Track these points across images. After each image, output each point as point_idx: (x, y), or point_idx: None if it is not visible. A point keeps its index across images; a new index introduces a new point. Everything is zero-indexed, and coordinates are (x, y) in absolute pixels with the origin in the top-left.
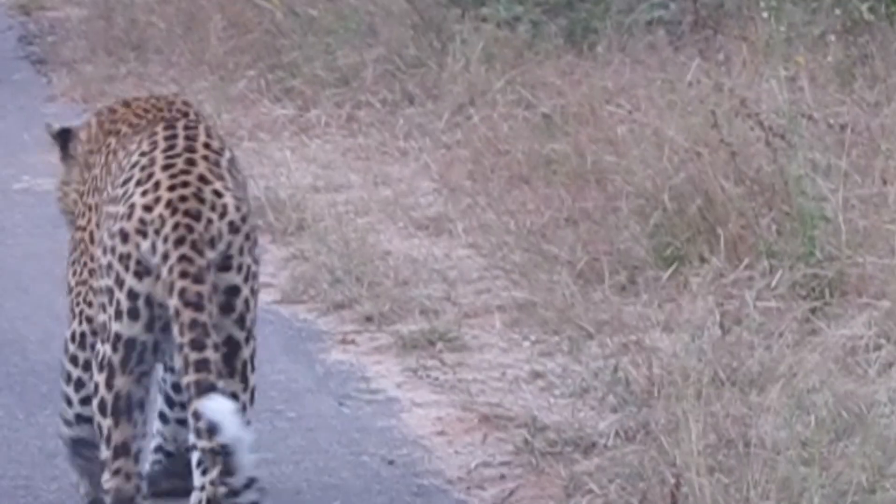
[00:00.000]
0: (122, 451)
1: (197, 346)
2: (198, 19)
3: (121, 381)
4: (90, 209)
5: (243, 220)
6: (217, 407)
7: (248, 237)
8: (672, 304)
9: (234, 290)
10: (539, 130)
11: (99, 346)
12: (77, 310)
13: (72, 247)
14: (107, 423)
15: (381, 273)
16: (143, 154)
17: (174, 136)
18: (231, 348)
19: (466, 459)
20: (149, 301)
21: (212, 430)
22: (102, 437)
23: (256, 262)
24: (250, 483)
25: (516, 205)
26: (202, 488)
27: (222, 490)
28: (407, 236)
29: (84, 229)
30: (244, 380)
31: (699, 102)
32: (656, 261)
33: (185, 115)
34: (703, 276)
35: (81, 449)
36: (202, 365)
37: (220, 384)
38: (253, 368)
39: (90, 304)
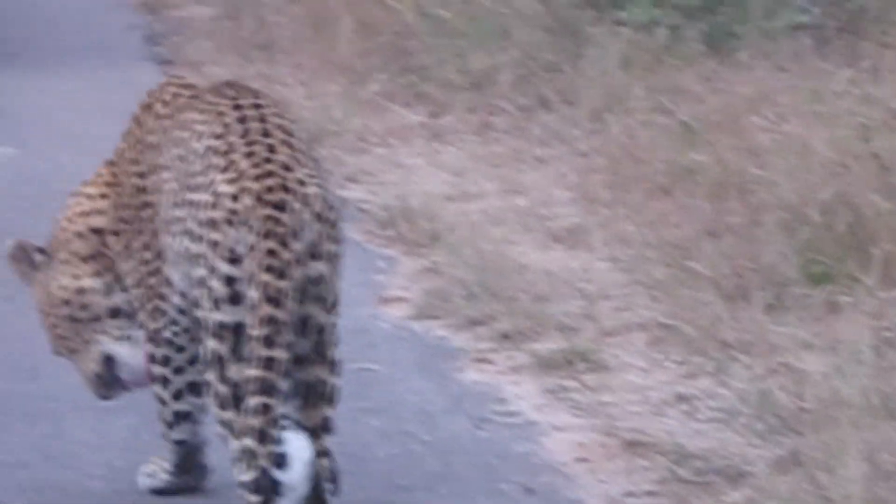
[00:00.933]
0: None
1: (269, 343)
2: (327, 20)
3: (234, 370)
4: (144, 191)
5: (329, 208)
6: (298, 446)
7: (333, 225)
8: (822, 325)
9: (320, 279)
10: (679, 139)
11: (203, 344)
12: (150, 306)
13: (130, 241)
14: (228, 415)
15: (518, 288)
16: (217, 137)
17: (245, 119)
18: (320, 336)
19: (609, 488)
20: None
21: (280, 462)
22: (230, 433)
23: (337, 241)
24: None
25: (656, 216)
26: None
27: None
28: (543, 248)
29: (143, 209)
30: (331, 362)
31: (848, 114)
32: (804, 278)
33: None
34: (854, 297)
35: (185, 453)
36: (269, 363)
37: (283, 385)
38: (336, 344)
39: (163, 297)
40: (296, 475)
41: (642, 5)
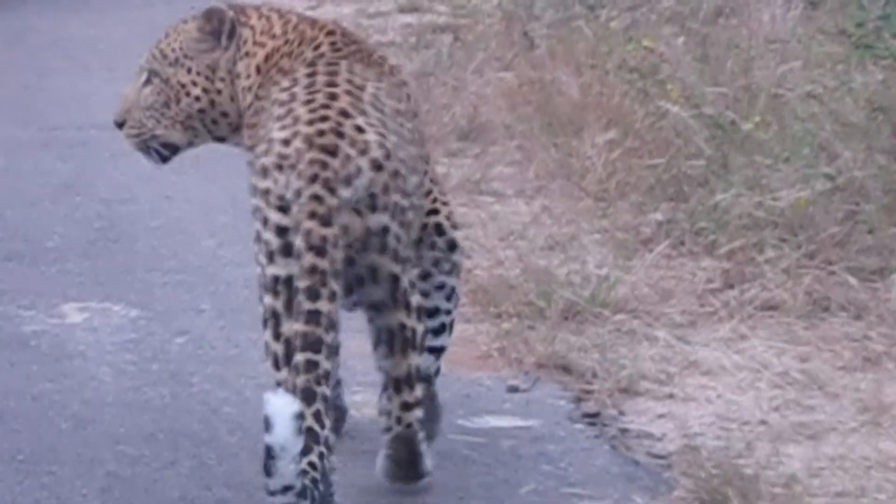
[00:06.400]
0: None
1: (312, 294)
2: (562, 112)
3: (288, 326)
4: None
5: (387, 157)
6: (278, 405)
7: (395, 175)
8: None
9: (384, 231)
10: None
11: (261, 303)
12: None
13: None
14: (282, 375)
15: None
16: (283, 90)
17: (314, 74)
18: (394, 284)
19: None
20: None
21: (265, 424)
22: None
23: (407, 194)
24: (286, 490)
25: None
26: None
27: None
28: None
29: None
30: (406, 305)
31: None
32: None
33: (332, 44)
34: None
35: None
36: (312, 316)
37: (329, 338)
38: (414, 288)
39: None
40: (281, 434)
41: None
